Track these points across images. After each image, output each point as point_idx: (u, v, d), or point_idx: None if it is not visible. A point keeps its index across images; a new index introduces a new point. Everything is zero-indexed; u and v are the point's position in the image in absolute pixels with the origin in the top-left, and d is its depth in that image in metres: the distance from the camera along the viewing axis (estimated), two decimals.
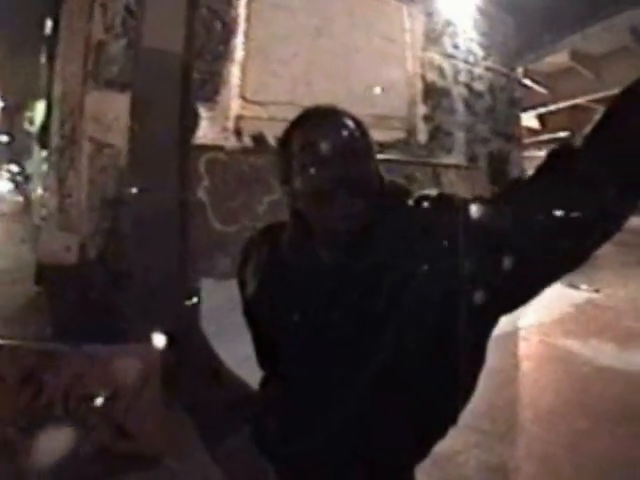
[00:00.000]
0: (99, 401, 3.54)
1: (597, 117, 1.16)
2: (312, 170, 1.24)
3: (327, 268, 1.29)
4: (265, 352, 1.53)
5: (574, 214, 1.12)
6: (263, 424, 1.45)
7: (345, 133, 1.28)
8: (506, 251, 1.16)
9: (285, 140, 1.33)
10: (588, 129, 1.16)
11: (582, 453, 3.74)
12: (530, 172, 1.24)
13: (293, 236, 1.37)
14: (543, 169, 1.21)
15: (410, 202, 1.31)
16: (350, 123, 1.30)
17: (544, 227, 1.14)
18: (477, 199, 1.26)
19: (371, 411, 1.25)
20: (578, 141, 1.17)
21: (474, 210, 1.22)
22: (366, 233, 1.25)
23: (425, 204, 1.30)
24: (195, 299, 4.78)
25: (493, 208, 1.22)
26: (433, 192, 1.33)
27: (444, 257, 1.19)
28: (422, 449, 1.36)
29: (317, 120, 1.32)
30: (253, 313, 1.51)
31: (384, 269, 1.23)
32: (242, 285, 1.53)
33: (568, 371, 5.49)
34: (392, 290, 1.21)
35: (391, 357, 1.21)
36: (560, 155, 1.20)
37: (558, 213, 1.12)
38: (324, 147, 1.24)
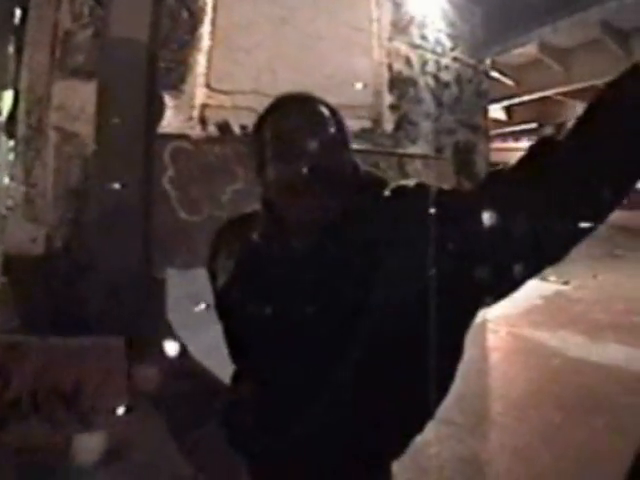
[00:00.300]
0: (65, 394, 3.52)
1: (581, 110, 1.13)
2: (284, 161, 1.20)
3: (301, 260, 1.25)
4: (237, 346, 1.46)
5: (567, 214, 1.10)
6: (235, 419, 1.41)
7: (318, 122, 1.24)
8: (485, 245, 1.14)
9: (258, 128, 1.29)
10: (571, 123, 1.13)
11: (555, 444, 3.76)
12: (496, 164, 1.21)
13: (265, 226, 1.33)
14: (526, 162, 1.17)
15: (386, 192, 1.28)
16: (324, 111, 1.27)
17: (525, 222, 1.11)
18: (456, 191, 1.26)
19: (347, 406, 1.22)
20: (555, 134, 1.15)
21: (453, 202, 1.20)
22: (341, 224, 1.22)
23: (402, 194, 1.27)
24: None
25: (475, 200, 1.18)
26: (410, 182, 1.29)
27: (421, 248, 1.15)
28: (399, 444, 1.34)
29: (290, 109, 1.27)
30: (225, 306, 1.45)
31: (359, 261, 1.20)
32: (213, 277, 1.48)
33: (537, 363, 5.53)
34: (368, 283, 1.18)
35: (367, 351, 1.18)
36: (544, 149, 1.16)
37: (550, 213, 1.10)
38: (296, 137, 1.20)
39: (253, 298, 1.31)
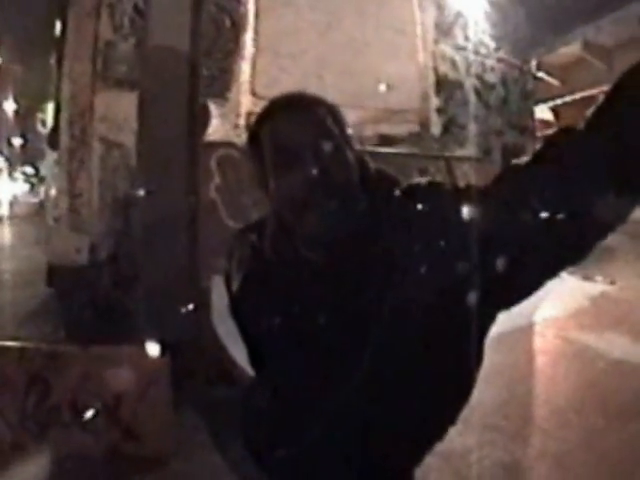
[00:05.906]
0: (107, 403, 3.52)
1: (597, 102, 1.06)
2: (286, 175, 1.15)
3: (311, 268, 1.21)
4: (253, 352, 1.43)
5: (572, 207, 1.04)
6: (251, 428, 1.39)
7: (317, 127, 1.18)
8: (501, 245, 1.09)
9: (252, 139, 1.24)
10: (589, 114, 1.06)
11: (596, 449, 3.72)
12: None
13: (275, 238, 1.28)
14: (540, 156, 1.11)
15: (398, 192, 1.23)
16: (320, 112, 1.20)
17: (541, 219, 1.05)
18: (469, 188, 1.19)
19: (362, 415, 1.18)
20: (574, 125, 1.08)
21: (467, 200, 1.14)
22: (352, 232, 1.17)
23: (415, 194, 1.22)
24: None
25: (487, 198, 1.13)
26: (422, 181, 1.26)
27: (434, 250, 1.12)
28: (419, 452, 1.30)
29: (285, 115, 1.21)
30: (239, 312, 1.42)
31: (373, 268, 1.16)
32: (227, 282, 1.44)
33: (584, 366, 5.44)
34: (380, 288, 1.14)
35: (382, 359, 1.15)
36: (559, 142, 1.10)
37: (557, 205, 1.04)
38: (295, 148, 1.14)
39: (265, 308, 1.28)
